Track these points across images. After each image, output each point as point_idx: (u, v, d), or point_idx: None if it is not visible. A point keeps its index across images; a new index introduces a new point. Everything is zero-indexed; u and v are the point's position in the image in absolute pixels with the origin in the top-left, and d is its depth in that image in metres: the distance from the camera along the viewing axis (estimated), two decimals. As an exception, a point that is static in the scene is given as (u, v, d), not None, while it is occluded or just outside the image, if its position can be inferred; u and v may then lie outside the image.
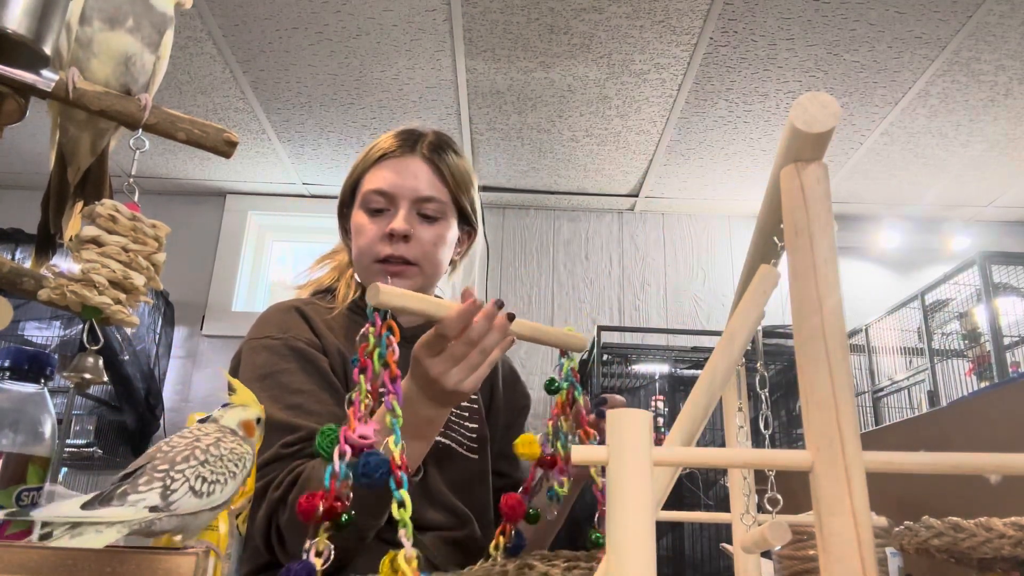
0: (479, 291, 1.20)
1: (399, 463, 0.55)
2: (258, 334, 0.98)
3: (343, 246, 1.14)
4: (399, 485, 0.54)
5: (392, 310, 0.63)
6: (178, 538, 0.52)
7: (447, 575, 0.68)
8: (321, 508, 0.55)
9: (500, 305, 0.72)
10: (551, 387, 0.78)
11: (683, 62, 2.47)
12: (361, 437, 0.57)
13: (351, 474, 0.56)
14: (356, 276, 1.11)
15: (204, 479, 0.51)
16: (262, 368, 0.92)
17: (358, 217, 1.03)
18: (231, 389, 0.61)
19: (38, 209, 0.86)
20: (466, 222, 1.09)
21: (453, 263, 1.10)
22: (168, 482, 0.50)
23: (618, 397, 0.86)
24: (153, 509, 0.48)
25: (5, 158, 3.18)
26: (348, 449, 0.57)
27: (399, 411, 0.58)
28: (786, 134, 0.39)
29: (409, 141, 1.04)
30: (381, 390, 0.61)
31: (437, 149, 1.04)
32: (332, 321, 1.02)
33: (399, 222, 0.98)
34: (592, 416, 0.78)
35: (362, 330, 0.63)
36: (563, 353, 0.80)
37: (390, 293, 0.62)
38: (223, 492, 0.52)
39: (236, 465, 0.54)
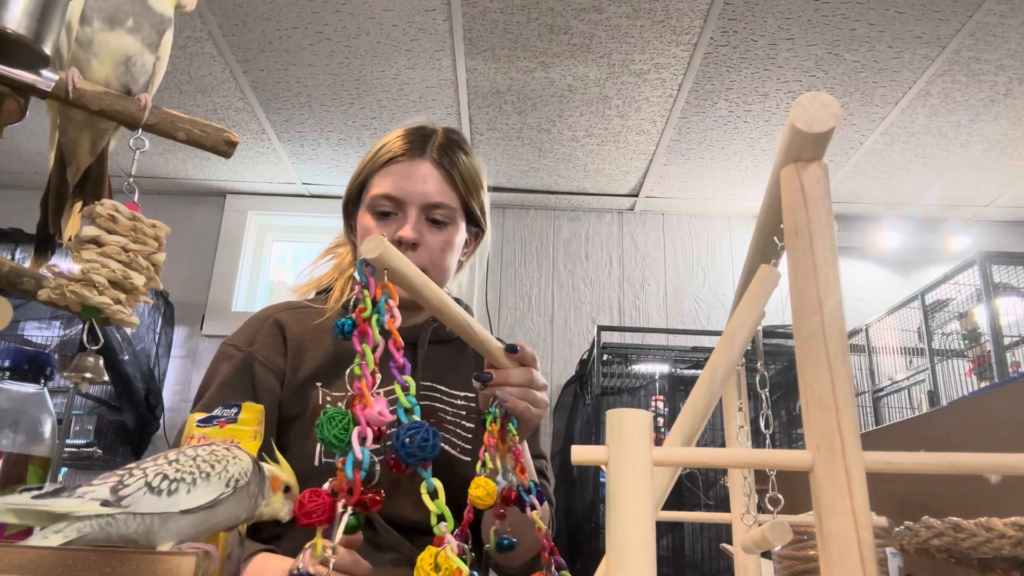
0: (479, 290, 1.19)
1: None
2: (231, 338, 1.00)
3: (344, 241, 1.13)
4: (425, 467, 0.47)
5: (389, 273, 0.55)
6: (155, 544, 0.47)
7: None
8: (339, 505, 0.45)
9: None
10: (484, 416, 0.71)
11: (683, 62, 2.47)
12: (379, 414, 0.48)
13: (393, 454, 0.47)
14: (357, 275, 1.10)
15: (165, 476, 0.47)
16: (216, 374, 0.96)
17: (365, 220, 1.01)
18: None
19: (38, 209, 0.86)
20: (474, 223, 1.07)
21: (460, 264, 1.09)
22: (125, 477, 0.47)
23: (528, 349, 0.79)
24: (104, 504, 0.46)
25: (5, 158, 3.18)
26: (369, 431, 0.48)
27: (412, 385, 0.51)
28: (786, 134, 0.39)
29: (418, 143, 1.01)
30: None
31: (447, 151, 1.02)
32: (322, 327, 1.01)
33: (407, 231, 0.97)
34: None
35: (355, 291, 0.54)
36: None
37: (393, 254, 0.53)
38: (192, 494, 0.47)
39: (212, 467, 0.48)
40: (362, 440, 0.48)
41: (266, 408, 0.92)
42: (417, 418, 0.49)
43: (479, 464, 0.65)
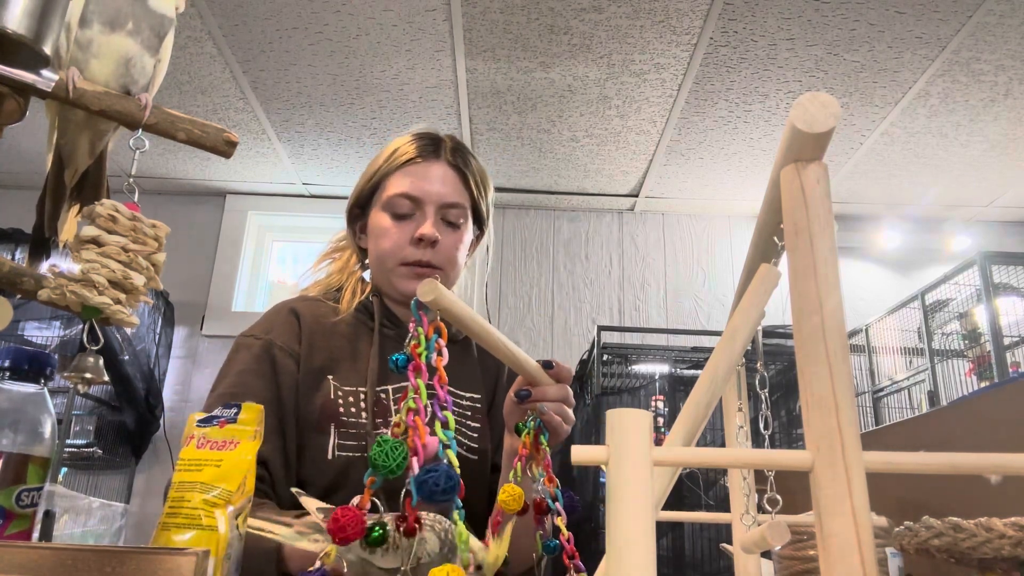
0: (479, 291, 1.21)
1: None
2: (248, 330, 1.02)
3: (341, 246, 1.15)
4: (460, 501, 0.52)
5: (441, 312, 0.59)
6: None
7: None
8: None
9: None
10: (517, 427, 0.76)
11: (683, 62, 2.47)
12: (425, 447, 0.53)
13: (412, 491, 0.52)
14: (366, 276, 1.11)
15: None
16: (234, 364, 0.98)
17: (380, 219, 1.03)
18: None
19: (34, 210, 0.86)
20: (478, 224, 1.11)
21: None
22: None
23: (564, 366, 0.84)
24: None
25: (5, 158, 3.18)
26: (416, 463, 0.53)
27: (452, 421, 0.56)
28: (786, 134, 0.39)
29: (431, 145, 1.05)
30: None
31: (459, 153, 1.06)
32: (337, 324, 1.02)
33: (428, 228, 1.00)
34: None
35: (410, 327, 0.59)
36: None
37: (447, 296, 0.57)
38: (384, 558, 0.59)
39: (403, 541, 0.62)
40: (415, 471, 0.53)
41: (287, 391, 0.95)
42: (454, 455, 0.54)
43: (511, 473, 0.69)
